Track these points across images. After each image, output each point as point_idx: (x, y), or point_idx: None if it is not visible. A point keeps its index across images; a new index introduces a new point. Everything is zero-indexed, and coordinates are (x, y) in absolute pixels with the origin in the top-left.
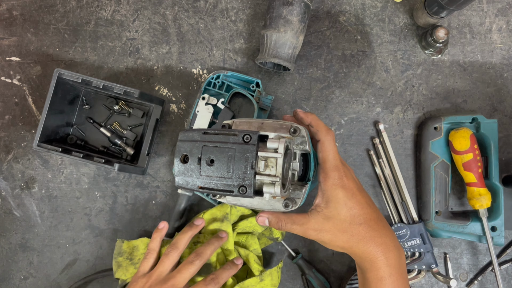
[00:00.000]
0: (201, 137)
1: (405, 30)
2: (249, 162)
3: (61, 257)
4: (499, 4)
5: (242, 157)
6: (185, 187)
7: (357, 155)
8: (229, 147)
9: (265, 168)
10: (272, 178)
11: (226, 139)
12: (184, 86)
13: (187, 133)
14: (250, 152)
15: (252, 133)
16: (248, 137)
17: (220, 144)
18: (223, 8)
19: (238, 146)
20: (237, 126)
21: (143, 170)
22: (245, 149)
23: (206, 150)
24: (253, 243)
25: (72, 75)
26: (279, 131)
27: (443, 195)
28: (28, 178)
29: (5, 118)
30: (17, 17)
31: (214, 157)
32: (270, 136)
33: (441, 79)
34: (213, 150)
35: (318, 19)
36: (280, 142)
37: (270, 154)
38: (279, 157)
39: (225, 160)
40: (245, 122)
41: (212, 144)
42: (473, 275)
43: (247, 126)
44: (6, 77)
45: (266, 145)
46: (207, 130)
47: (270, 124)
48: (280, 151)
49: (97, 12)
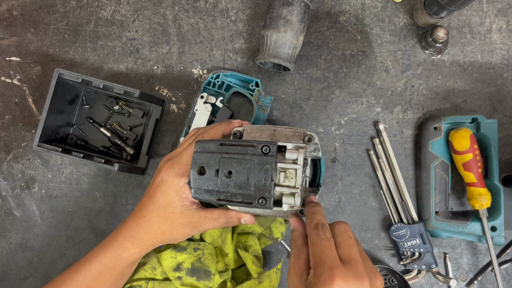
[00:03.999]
0: (218, 148)
1: (405, 30)
2: (268, 174)
3: (61, 257)
4: (499, 4)
5: (261, 169)
6: (203, 199)
7: (357, 155)
8: (247, 158)
9: (284, 179)
10: (291, 189)
11: (244, 150)
12: (184, 86)
13: (204, 144)
14: (270, 164)
15: (270, 144)
16: (267, 148)
17: (238, 155)
18: (223, 8)
19: (257, 157)
20: (249, 133)
21: (143, 170)
22: (264, 161)
23: (223, 161)
24: (253, 243)
25: (72, 75)
26: (292, 139)
27: (443, 195)
28: (28, 178)
29: (5, 118)
30: (17, 17)
31: (233, 169)
32: (288, 146)
33: (441, 79)
34: (231, 161)
35: (318, 19)
36: (299, 153)
37: (290, 166)
38: (299, 168)
39: (244, 172)
40: (257, 129)
41: (230, 156)
42: (473, 275)
43: (259, 133)
44: (6, 77)
45: (284, 155)
46: (224, 141)
47: (282, 132)
48: (300, 163)
49: (97, 12)
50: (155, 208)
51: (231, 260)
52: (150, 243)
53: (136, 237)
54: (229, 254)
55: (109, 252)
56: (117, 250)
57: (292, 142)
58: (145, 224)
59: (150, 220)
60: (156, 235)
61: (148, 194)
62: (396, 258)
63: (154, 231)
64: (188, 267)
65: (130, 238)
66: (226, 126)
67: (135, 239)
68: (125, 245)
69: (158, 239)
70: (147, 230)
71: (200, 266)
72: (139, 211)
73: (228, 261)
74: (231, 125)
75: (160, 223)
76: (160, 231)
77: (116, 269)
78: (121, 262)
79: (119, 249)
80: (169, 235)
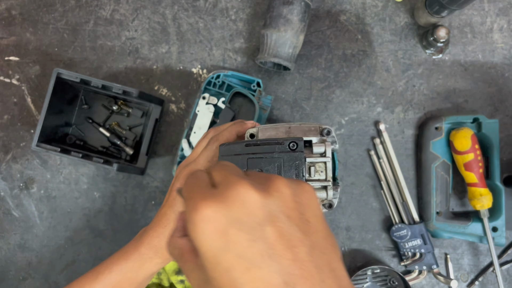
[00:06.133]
0: (243, 149)
1: (406, 29)
2: (300, 169)
3: (60, 257)
4: (500, 3)
5: (291, 165)
6: None
7: (358, 155)
8: (276, 156)
9: (314, 174)
10: (322, 182)
11: (271, 149)
12: (184, 85)
13: (228, 147)
14: (299, 159)
15: (297, 140)
16: (294, 144)
17: (266, 154)
18: (223, 7)
19: (286, 154)
20: (264, 133)
21: (142, 170)
22: (293, 157)
23: (252, 162)
24: None
25: (71, 75)
26: (309, 134)
27: (444, 195)
28: (27, 178)
29: (4, 118)
30: (16, 17)
31: (262, 168)
32: (314, 140)
33: (442, 79)
34: (260, 161)
35: (318, 19)
36: (327, 146)
37: (319, 159)
38: (328, 161)
39: (273, 170)
40: (271, 128)
41: (258, 156)
42: (474, 276)
43: (274, 132)
44: (5, 77)
45: (309, 150)
46: (248, 142)
47: (298, 128)
48: (328, 155)
49: (96, 11)
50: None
51: None
52: None
53: (159, 247)
54: None
55: (131, 261)
56: (140, 260)
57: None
58: (167, 234)
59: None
60: None
61: (168, 203)
62: (397, 258)
63: None
64: None
65: (152, 248)
66: (240, 127)
67: (158, 249)
68: (148, 255)
69: None
70: None
71: None
72: (160, 220)
73: None
74: (245, 126)
75: None
76: None
77: (137, 279)
78: (142, 272)
79: (141, 259)
80: None
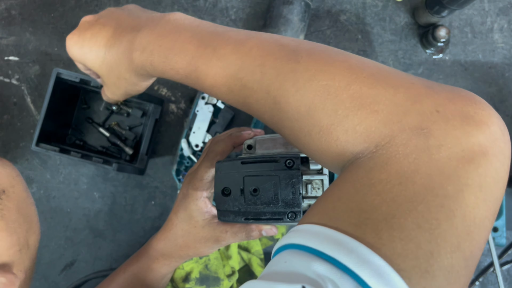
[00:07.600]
0: (239, 167)
1: (406, 29)
2: (296, 187)
3: (60, 258)
4: (500, 3)
5: (288, 183)
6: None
7: None
8: (272, 174)
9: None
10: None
11: (268, 167)
12: (184, 85)
13: (224, 165)
14: (296, 177)
15: (294, 157)
16: (291, 162)
17: (262, 172)
18: (222, 7)
19: (282, 172)
20: (261, 145)
21: (142, 170)
22: (290, 175)
23: (248, 180)
24: (255, 244)
25: (71, 75)
26: None
27: None
28: (27, 178)
29: (4, 118)
30: (15, 16)
31: (259, 186)
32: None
33: (442, 79)
34: (255, 179)
35: (318, 18)
36: None
37: (315, 177)
38: (325, 178)
39: (270, 188)
40: (269, 139)
41: (254, 173)
42: (474, 276)
43: (272, 143)
44: (4, 77)
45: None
46: (244, 160)
47: None
48: (326, 172)
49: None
50: (179, 222)
51: (235, 262)
52: (177, 255)
53: (164, 249)
54: (233, 256)
55: (141, 262)
56: (148, 261)
57: None
58: (171, 237)
59: (175, 233)
60: (182, 248)
61: (174, 208)
62: None
63: (179, 244)
64: (197, 276)
65: (159, 250)
66: (236, 138)
67: (164, 251)
68: (155, 256)
69: (184, 252)
70: (173, 243)
71: (208, 273)
72: (166, 225)
73: (233, 264)
74: (241, 137)
75: (184, 236)
76: (184, 244)
77: (146, 280)
78: (151, 272)
79: (149, 260)
80: (194, 249)
